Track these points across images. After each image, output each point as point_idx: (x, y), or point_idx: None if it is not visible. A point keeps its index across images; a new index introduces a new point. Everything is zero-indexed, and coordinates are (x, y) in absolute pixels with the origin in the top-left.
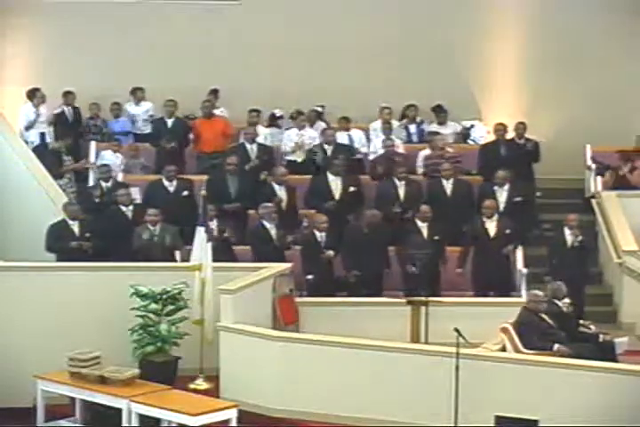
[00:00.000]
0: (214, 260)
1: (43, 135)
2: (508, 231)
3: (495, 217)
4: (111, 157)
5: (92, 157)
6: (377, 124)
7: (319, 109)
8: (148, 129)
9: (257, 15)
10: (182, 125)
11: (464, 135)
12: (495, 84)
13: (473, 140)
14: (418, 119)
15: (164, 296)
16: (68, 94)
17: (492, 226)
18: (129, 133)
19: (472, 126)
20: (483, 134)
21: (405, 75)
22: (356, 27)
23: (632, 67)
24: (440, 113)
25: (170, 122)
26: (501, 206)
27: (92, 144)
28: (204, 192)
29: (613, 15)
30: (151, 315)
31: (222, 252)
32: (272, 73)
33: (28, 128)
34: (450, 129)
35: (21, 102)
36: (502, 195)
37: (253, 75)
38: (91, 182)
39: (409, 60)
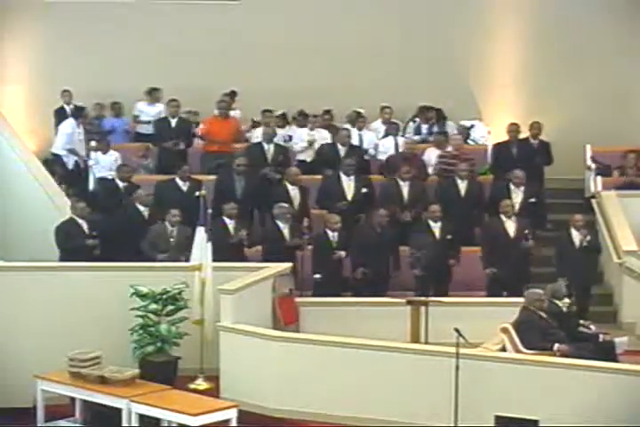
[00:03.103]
0: (223, 259)
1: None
2: (526, 231)
3: (514, 217)
4: (104, 157)
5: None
6: (377, 124)
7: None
8: (151, 129)
9: (257, 15)
10: (186, 125)
11: (464, 135)
12: (495, 84)
13: (473, 140)
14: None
15: (164, 296)
16: (64, 93)
17: (511, 226)
18: (114, 132)
19: (472, 126)
20: (483, 134)
21: (405, 75)
22: (356, 27)
23: (632, 67)
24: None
25: (174, 122)
26: (517, 207)
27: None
28: (204, 192)
29: (613, 15)
30: (151, 315)
31: (235, 252)
32: (272, 73)
33: (70, 151)
34: (449, 129)
35: (21, 102)
36: (518, 195)
37: (253, 75)
38: (91, 183)
39: (409, 60)
